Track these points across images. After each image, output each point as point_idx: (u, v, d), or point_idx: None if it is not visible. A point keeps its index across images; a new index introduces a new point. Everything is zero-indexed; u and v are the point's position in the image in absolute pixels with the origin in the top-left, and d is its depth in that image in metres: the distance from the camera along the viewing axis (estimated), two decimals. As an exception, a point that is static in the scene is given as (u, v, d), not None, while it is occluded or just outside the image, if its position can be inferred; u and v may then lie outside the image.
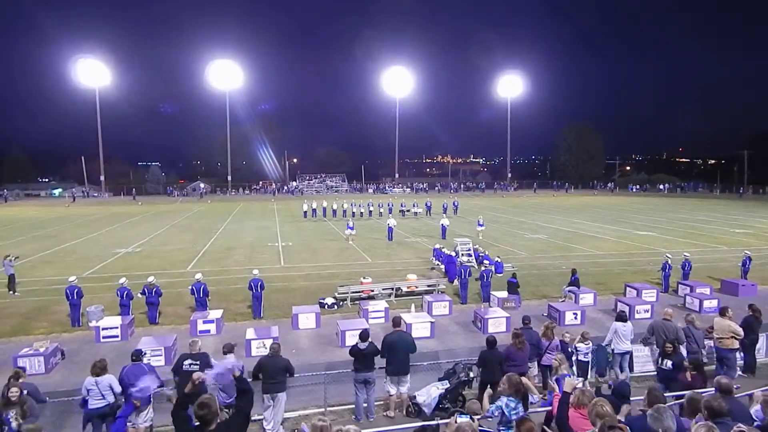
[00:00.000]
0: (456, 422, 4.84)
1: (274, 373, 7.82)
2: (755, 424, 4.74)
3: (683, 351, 9.70)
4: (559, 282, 17.29)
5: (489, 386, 8.42)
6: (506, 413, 5.95)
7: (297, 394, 8.72)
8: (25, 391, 6.93)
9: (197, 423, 4.13)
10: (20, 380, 7.26)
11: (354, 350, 8.43)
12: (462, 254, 20.53)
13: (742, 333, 9.57)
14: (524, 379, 7.01)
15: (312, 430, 4.77)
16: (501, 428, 5.93)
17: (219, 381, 4.34)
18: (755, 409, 5.33)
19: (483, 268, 17.11)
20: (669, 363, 8.32)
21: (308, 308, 14.01)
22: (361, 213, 40.83)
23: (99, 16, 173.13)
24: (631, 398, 6.43)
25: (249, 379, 7.98)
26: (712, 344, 10.08)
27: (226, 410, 7.70)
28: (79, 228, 34.96)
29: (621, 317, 10.25)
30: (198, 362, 7.65)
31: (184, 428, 4.14)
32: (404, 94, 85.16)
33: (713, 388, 5.59)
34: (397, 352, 8.48)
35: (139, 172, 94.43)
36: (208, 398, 4.20)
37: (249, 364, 8.45)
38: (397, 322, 9.07)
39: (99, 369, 7.27)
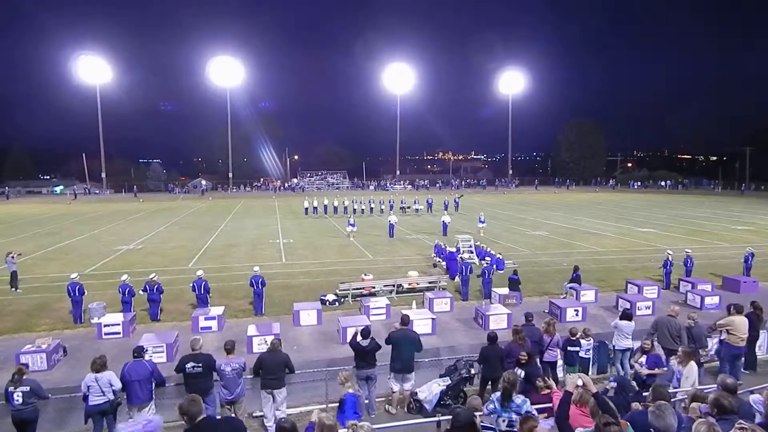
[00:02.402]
0: None
1: (273, 368, 7.81)
2: (757, 421, 4.73)
3: (659, 350, 9.55)
4: (561, 279, 17.27)
5: (490, 383, 8.44)
6: (496, 407, 5.96)
7: (298, 391, 8.73)
8: None
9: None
10: (24, 376, 7.28)
11: (355, 346, 8.43)
12: (463, 251, 20.52)
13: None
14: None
15: (319, 427, 4.76)
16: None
17: None
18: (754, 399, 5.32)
19: (484, 265, 17.09)
20: (522, 373, 7.95)
21: (309, 305, 14.00)
22: (362, 210, 40.83)
23: (100, 13, 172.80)
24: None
25: (250, 376, 8.03)
26: (716, 341, 10.03)
27: (228, 407, 7.73)
28: (81, 225, 35.01)
29: (626, 315, 10.19)
30: (200, 365, 7.55)
31: None
32: (405, 91, 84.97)
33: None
34: (401, 350, 8.48)
35: (141, 169, 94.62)
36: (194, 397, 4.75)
37: (250, 361, 8.45)
38: (404, 321, 9.05)
39: (99, 365, 7.26)
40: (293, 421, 5.03)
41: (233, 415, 7.71)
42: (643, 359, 8.24)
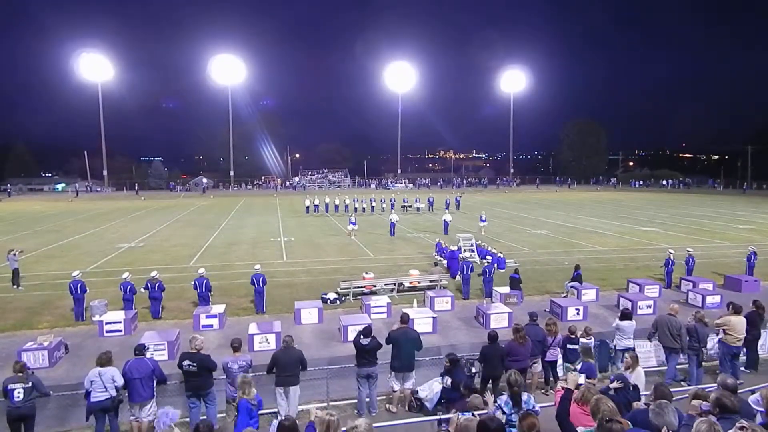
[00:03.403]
0: (458, 419, 4.85)
1: (289, 365, 7.82)
2: (758, 422, 4.73)
3: (634, 346, 9.38)
4: (562, 278, 17.26)
5: (491, 381, 8.44)
6: (505, 411, 5.96)
7: (300, 389, 8.74)
8: None
9: None
10: (25, 373, 7.24)
11: (356, 344, 8.44)
12: (464, 250, 20.52)
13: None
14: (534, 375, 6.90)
15: (319, 423, 4.78)
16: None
17: None
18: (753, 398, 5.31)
19: (485, 264, 17.08)
20: (448, 381, 7.95)
21: (310, 303, 14.02)
22: (363, 208, 40.84)
23: (102, 11, 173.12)
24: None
25: (262, 373, 8.04)
26: (717, 339, 10.00)
27: (233, 403, 7.73)
28: (83, 223, 35.07)
29: (625, 315, 10.19)
30: (195, 364, 7.54)
31: None
32: (407, 90, 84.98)
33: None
34: (401, 349, 8.48)
35: (142, 167, 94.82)
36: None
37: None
38: (404, 319, 9.06)
39: (104, 360, 7.31)
40: (294, 419, 5.05)
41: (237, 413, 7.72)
42: (579, 366, 8.20)
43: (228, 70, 76.85)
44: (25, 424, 7.16)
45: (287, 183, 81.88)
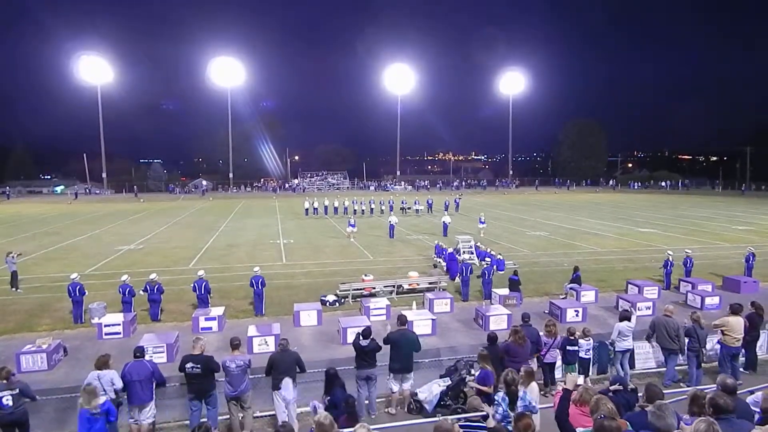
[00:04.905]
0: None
1: (286, 367, 7.81)
2: (756, 420, 4.74)
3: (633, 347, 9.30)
4: (561, 279, 17.27)
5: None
6: (503, 406, 5.97)
7: (299, 391, 8.73)
8: None
9: None
10: (10, 378, 7.10)
11: (355, 345, 8.44)
12: (464, 252, 20.52)
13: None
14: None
15: (317, 427, 4.77)
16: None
17: None
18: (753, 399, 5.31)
19: (484, 266, 17.10)
20: (327, 399, 8.00)
21: (310, 305, 14.00)
22: (363, 210, 40.84)
23: (101, 13, 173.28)
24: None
25: (261, 376, 8.03)
26: (717, 341, 10.02)
27: (234, 402, 7.73)
28: (82, 225, 35.04)
29: (624, 316, 10.20)
30: (199, 366, 7.54)
31: None
32: (406, 91, 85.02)
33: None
34: (400, 350, 8.48)
35: (141, 169, 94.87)
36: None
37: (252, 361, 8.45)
38: (402, 321, 9.08)
39: (102, 363, 7.29)
40: (291, 426, 5.05)
41: (240, 414, 7.72)
42: (477, 373, 8.18)
43: (227, 72, 76.86)
44: (19, 429, 7.12)
45: (286, 185, 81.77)
